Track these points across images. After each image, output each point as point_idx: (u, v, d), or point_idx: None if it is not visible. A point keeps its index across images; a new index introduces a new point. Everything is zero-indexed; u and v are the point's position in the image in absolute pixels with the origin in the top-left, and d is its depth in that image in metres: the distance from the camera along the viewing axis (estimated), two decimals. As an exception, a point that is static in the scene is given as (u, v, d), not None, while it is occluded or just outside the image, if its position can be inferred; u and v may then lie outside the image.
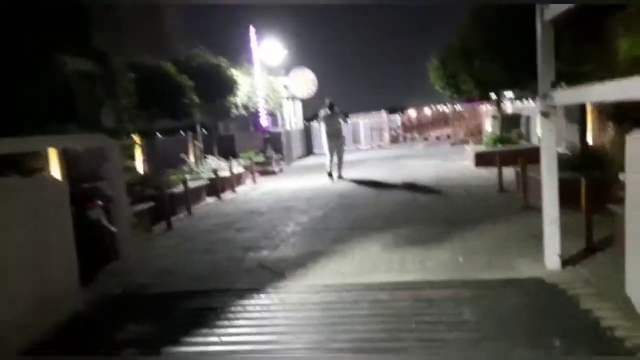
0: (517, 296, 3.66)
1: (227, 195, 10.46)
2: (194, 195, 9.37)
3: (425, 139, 23.01)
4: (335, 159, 11.36)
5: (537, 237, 4.56)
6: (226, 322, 3.71)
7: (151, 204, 7.37)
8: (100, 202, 5.45)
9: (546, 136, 4.09)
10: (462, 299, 3.72)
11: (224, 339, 3.44)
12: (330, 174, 11.33)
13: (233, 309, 3.95)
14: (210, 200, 9.86)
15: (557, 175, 4.07)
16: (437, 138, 22.74)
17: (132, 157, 10.12)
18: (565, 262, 4.16)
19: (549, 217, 4.11)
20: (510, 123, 12.74)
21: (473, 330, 3.21)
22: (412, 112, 23.95)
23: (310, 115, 21.16)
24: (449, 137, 21.67)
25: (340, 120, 11.53)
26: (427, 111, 23.80)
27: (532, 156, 5.52)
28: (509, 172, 7.85)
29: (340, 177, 11.30)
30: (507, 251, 4.72)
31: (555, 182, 4.07)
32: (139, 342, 3.54)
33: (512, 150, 10.26)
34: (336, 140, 11.36)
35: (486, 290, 3.84)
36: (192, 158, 12.54)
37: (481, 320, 3.33)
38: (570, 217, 4.33)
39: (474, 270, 4.32)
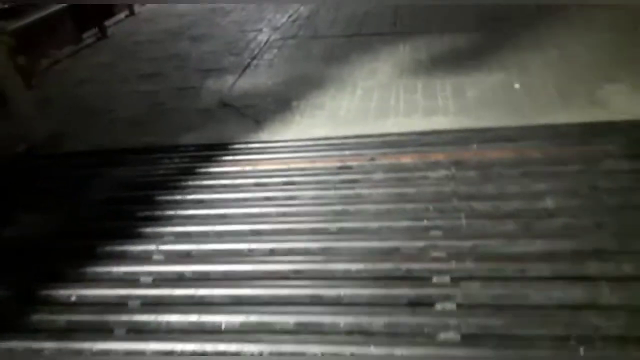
0: (612, 156, 2.34)
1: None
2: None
3: None
4: None
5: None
6: (168, 214, 2.43)
7: None
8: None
9: None
10: (526, 163, 2.40)
11: (162, 247, 2.20)
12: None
13: (177, 183, 2.62)
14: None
15: None
16: None
17: None
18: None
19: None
20: None
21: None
22: None
23: None
24: None
25: None
26: None
27: None
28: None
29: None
30: (589, 73, 3.20)
31: None
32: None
33: None
34: None
35: (560, 144, 2.49)
36: None
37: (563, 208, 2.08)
38: None
39: (537, 107, 2.90)
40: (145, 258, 2.17)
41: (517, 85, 3.16)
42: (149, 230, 2.30)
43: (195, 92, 3.76)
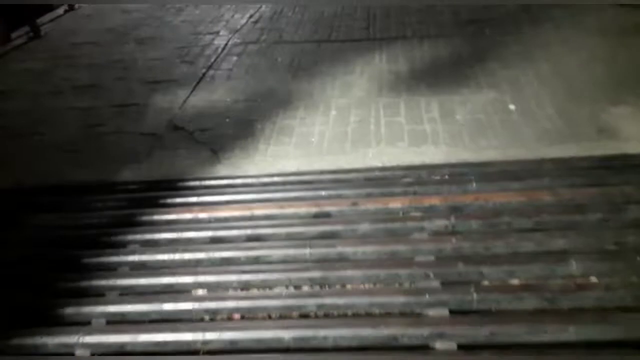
0: (635, 201, 1.99)
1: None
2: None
3: None
4: None
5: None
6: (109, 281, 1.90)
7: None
8: None
9: None
10: (538, 211, 2.02)
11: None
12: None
13: (111, 238, 2.09)
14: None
15: None
16: None
17: None
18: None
19: None
20: None
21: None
22: None
23: None
24: None
25: None
26: None
27: None
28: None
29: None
30: (588, 91, 2.86)
31: None
32: None
33: None
34: None
35: (573, 185, 2.13)
36: None
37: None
38: None
39: (539, 135, 2.53)
40: (64, 354, 1.65)
41: (512, 107, 2.78)
42: (70, 311, 1.78)
43: (140, 110, 3.18)
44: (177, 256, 2.00)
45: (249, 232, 2.08)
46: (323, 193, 2.28)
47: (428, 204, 2.13)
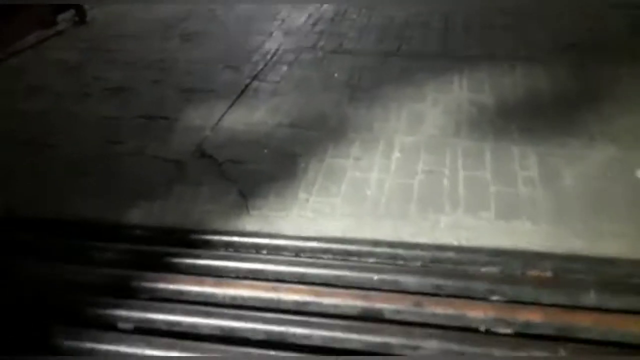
0: None
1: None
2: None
3: None
4: None
5: None
6: None
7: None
8: None
9: None
10: None
11: None
12: None
13: (101, 312, 1.61)
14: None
15: None
16: None
17: None
18: None
19: None
20: None
21: None
22: None
23: None
24: None
25: None
26: None
27: None
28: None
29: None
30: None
31: None
32: None
33: None
34: None
35: None
36: None
37: None
38: None
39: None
40: None
41: (640, 173, 2.08)
42: None
43: (168, 126, 2.71)
44: (173, 354, 1.49)
45: (269, 327, 1.54)
46: (375, 277, 1.70)
47: (524, 320, 1.51)
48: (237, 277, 1.75)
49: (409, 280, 1.68)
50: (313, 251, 1.86)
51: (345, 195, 2.09)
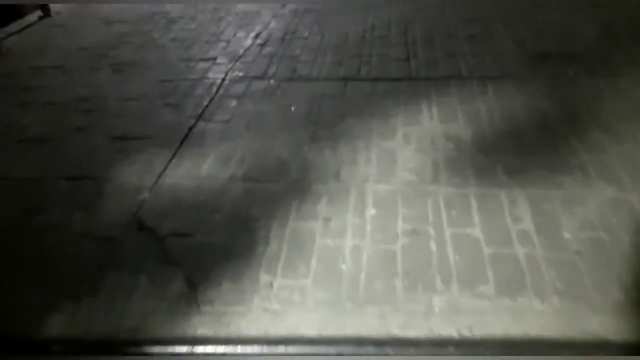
0: None
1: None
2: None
3: None
4: None
5: None
6: None
7: None
8: None
9: None
10: None
11: None
12: None
13: None
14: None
15: None
16: None
17: None
18: None
19: None
20: None
21: None
22: None
23: None
24: None
25: None
26: None
27: None
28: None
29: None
30: None
31: None
32: None
33: None
34: None
35: None
36: None
37: None
38: None
39: None
40: None
41: (648, 219, 1.84)
42: None
43: (97, 188, 2.26)
44: None
45: None
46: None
47: None
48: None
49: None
50: (281, 356, 1.50)
51: (317, 274, 1.73)
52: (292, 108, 2.76)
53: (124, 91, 3.16)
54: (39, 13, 4.96)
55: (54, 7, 5.06)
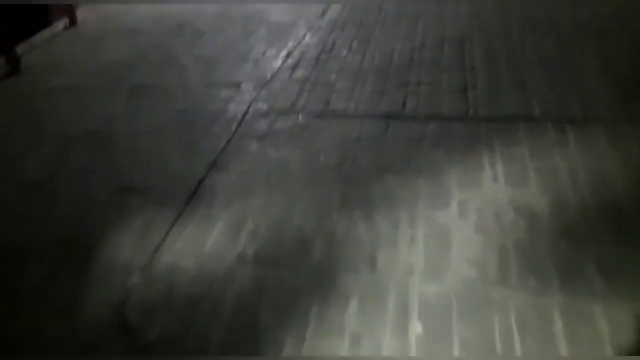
0: None
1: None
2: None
3: None
4: None
5: None
6: None
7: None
8: None
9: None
10: None
11: None
12: None
13: None
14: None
15: None
16: None
17: None
18: None
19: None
20: None
21: None
22: None
23: None
24: None
25: None
26: None
27: None
28: None
29: None
30: None
31: None
32: None
33: None
34: None
35: None
36: None
37: None
38: None
39: None
40: None
41: None
42: None
43: (83, 264, 1.89)
44: None
45: None
46: None
47: None
48: None
49: None
50: None
51: None
52: (321, 157, 2.29)
53: (137, 124, 2.80)
54: (65, 21, 4.73)
55: (81, 13, 4.81)
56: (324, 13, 3.99)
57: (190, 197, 2.17)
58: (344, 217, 1.95)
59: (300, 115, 2.65)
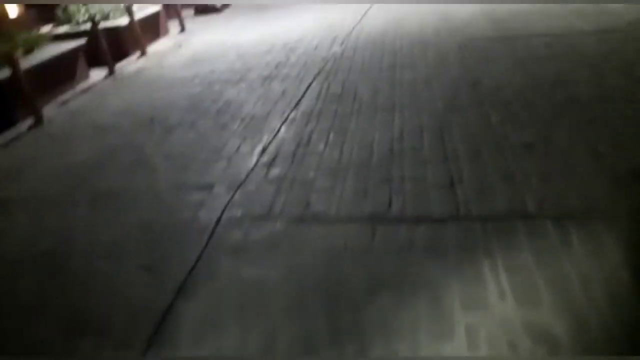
0: None
1: (131, 62, 6.11)
2: (62, 70, 5.30)
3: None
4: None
5: None
6: None
7: None
8: None
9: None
10: None
11: None
12: None
13: None
14: (97, 75, 5.65)
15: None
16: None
17: None
18: None
19: None
20: None
21: None
22: None
23: None
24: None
25: None
26: None
27: None
28: None
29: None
30: None
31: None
32: None
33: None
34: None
35: None
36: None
37: None
38: None
39: None
40: None
41: None
42: None
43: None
44: None
45: None
46: None
47: None
48: None
49: None
50: None
51: None
52: (305, 281, 2.02)
53: (97, 240, 2.52)
54: (30, 122, 4.56)
55: (47, 113, 4.66)
56: (298, 104, 3.90)
57: (153, 335, 1.86)
58: (334, 355, 1.66)
59: (278, 222, 2.42)
